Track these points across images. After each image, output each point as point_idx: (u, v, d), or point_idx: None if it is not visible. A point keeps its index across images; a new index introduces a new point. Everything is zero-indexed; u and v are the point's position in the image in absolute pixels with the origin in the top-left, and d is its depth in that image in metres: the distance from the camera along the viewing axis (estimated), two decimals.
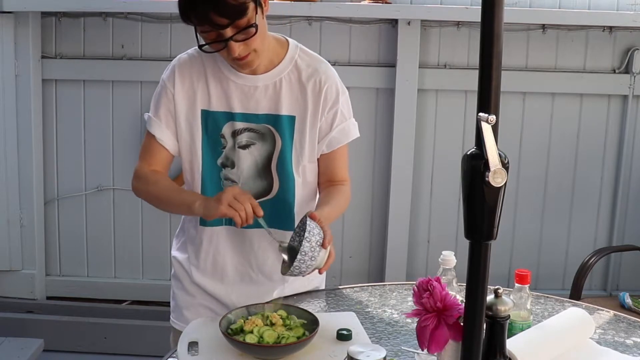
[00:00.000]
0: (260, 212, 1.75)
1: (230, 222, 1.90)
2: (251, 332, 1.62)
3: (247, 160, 1.91)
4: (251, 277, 2.01)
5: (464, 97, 3.68)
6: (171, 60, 1.96)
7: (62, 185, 3.82)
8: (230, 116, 1.88)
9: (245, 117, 1.88)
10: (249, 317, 1.68)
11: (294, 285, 2.05)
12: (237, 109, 1.88)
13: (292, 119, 1.90)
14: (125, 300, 3.87)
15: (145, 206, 3.79)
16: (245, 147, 1.90)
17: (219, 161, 1.91)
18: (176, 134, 1.91)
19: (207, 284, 2.01)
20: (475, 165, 1.30)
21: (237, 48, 1.76)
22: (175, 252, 2.08)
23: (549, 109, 3.72)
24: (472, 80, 1.31)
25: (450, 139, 3.71)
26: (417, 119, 3.66)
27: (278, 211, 1.95)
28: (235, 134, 1.89)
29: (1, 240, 3.79)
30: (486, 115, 1.26)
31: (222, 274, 2.00)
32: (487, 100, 1.28)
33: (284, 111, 1.89)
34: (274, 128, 1.90)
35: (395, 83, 3.60)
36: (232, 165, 1.91)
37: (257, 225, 1.80)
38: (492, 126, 1.27)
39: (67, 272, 3.91)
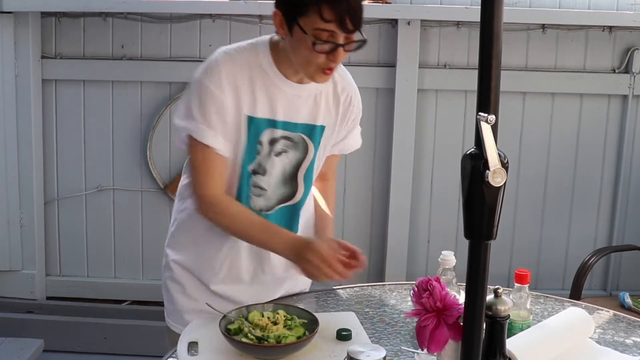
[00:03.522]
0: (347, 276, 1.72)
1: None
2: (252, 330, 1.62)
3: (278, 167, 1.90)
4: (261, 278, 2.00)
5: (464, 97, 3.69)
6: (171, 61, 1.94)
7: (62, 185, 3.82)
8: (272, 123, 1.85)
9: (286, 125, 1.87)
10: (248, 317, 1.68)
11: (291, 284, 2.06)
12: (280, 116, 1.85)
13: (323, 128, 1.92)
14: (125, 301, 3.87)
15: (145, 206, 3.80)
16: (278, 154, 1.89)
17: (251, 168, 1.87)
18: (228, 140, 1.83)
19: (220, 289, 1.98)
20: (474, 165, 1.30)
21: (341, 58, 1.75)
22: (174, 255, 2.00)
23: (549, 109, 3.72)
24: (472, 80, 1.32)
25: (450, 139, 3.71)
26: (417, 119, 3.66)
27: (296, 215, 1.98)
28: (273, 141, 1.87)
29: (1, 240, 3.79)
30: (486, 115, 1.27)
31: (236, 278, 1.98)
32: (486, 100, 1.29)
33: (319, 121, 1.91)
34: (309, 138, 1.91)
35: (395, 83, 3.60)
36: (264, 173, 1.88)
37: None
38: (491, 126, 1.27)
39: (67, 272, 3.91)
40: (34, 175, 3.72)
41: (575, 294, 2.98)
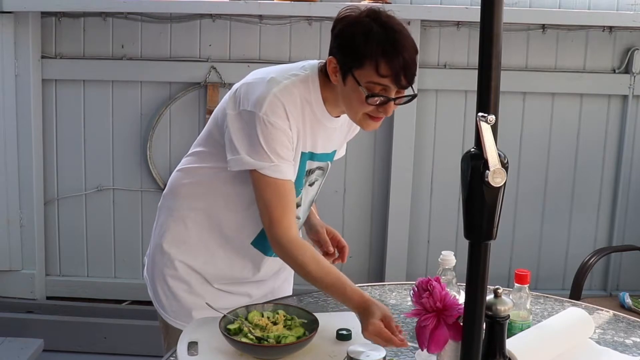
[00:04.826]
0: (406, 345, 1.64)
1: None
2: (252, 330, 1.62)
3: (310, 196, 1.95)
4: (269, 277, 2.03)
5: (464, 97, 3.69)
6: (171, 61, 1.94)
7: (62, 185, 3.82)
8: (312, 156, 1.87)
9: (321, 157, 1.91)
10: (248, 317, 1.68)
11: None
12: (319, 149, 1.88)
13: (336, 150, 1.99)
14: (125, 300, 3.87)
15: (145, 206, 3.80)
16: (312, 184, 1.94)
17: (297, 200, 1.87)
18: None
19: (228, 288, 1.99)
20: (474, 165, 1.30)
21: (391, 110, 1.77)
22: (176, 252, 1.96)
23: (549, 109, 3.72)
24: (472, 80, 1.32)
25: (450, 139, 3.71)
26: (416, 119, 3.66)
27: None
28: (309, 172, 1.90)
29: (1, 240, 3.78)
30: (486, 115, 1.27)
31: (247, 278, 1.99)
32: (486, 100, 1.29)
33: (337, 146, 1.98)
34: (330, 162, 1.97)
35: None
36: (299, 203, 1.90)
37: None
38: (491, 126, 1.27)
39: (67, 272, 3.91)
40: (34, 175, 3.72)
41: (575, 294, 2.98)
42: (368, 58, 1.68)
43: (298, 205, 1.89)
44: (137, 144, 3.76)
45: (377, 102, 1.73)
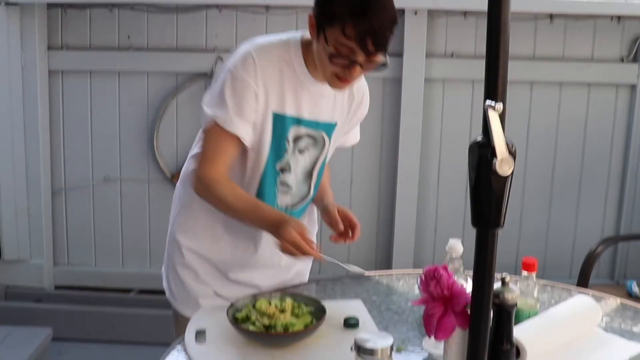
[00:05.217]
0: (323, 258, 1.72)
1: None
2: (259, 319, 1.63)
3: (301, 164, 1.94)
4: (276, 264, 2.03)
5: (471, 87, 3.68)
6: (177, 51, 1.94)
7: (69, 175, 3.83)
8: (298, 121, 1.88)
9: (310, 123, 1.90)
10: (256, 305, 1.69)
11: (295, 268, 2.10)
12: (306, 115, 1.88)
13: (336, 125, 1.96)
14: (132, 290, 3.88)
15: (152, 196, 3.81)
16: (302, 151, 1.93)
17: (279, 166, 1.90)
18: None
19: (234, 276, 2.01)
20: (482, 154, 1.30)
21: (357, 74, 1.77)
22: (185, 240, 1.99)
23: (557, 99, 3.71)
24: (479, 69, 1.31)
25: (457, 129, 3.70)
26: (424, 109, 3.66)
27: (309, 211, 2.06)
28: (297, 138, 1.90)
29: (9, 230, 3.80)
30: (493, 103, 1.27)
31: (250, 263, 2.00)
32: (494, 88, 1.29)
33: (335, 119, 1.95)
34: (327, 134, 1.94)
35: (402, 72, 3.60)
36: (290, 170, 1.92)
37: None
38: (499, 114, 1.27)
39: (75, 261, 3.92)
40: (41, 165, 3.73)
41: (582, 283, 2.98)
42: (337, 17, 1.70)
43: (284, 170, 1.90)
44: (144, 134, 3.76)
45: (342, 64, 1.74)
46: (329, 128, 1.94)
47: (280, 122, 1.85)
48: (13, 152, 3.72)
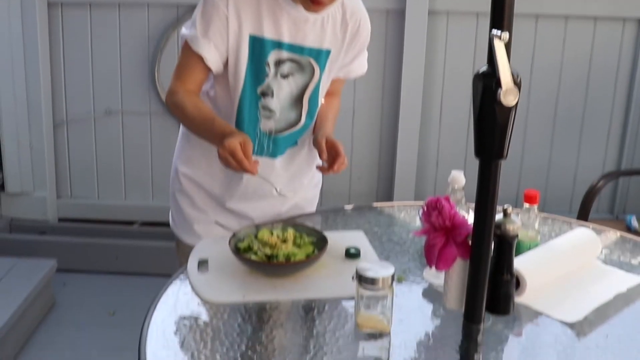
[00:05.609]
0: (255, 172, 1.74)
1: (260, 152, 1.97)
2: (261, 248, 1.64)
3: (285, 90, 1.92)
4: (267, 193, 2.04)
5: (475, 19, 3.63)
6: None
7: (70, 108, 3.82)
8: (278, 45, 1.86)
9: (292, 48, 1.88)
10: (257, 235, 1.70)
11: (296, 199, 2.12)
12: (286, 38, 1.86)
13: (328, 52, 1.93)
14: (135, 222, 3.91)
15: (154, 128, 3.80)
16: (285, 76, 1.91)
17: (260, 89, 1.90)
18: (224, 56, 1.86)
19: (229, 205, 2.03)
20: (487, 84, 1.29)
21: None
22: (182, 167, 2.05)
23: (562, 32, 3.66)
24: (484, 1, 1.29)
25: (461, 62, 3.67)
26: (427, 42, 3.61)
27: (308, 141, 2.05)
28: (278, 62, 1.88)
29: (12, 163, 3.81)
30: (499, 32, 1.25)
31: (245, 193, 2.02)
32: (500, 17, 1.27)
33: (325, 45, 1.92)
34: (315, 61, 1.92)
35: (406, 4, 3.55)
36: (272, 95, 1.91)
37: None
38: (505, 44, 1.26)
39: (77, 194, 3.94)
40: (43, 98, 3.72)
41: (583, 217, 2.99)
42: None
43: (265, 95, 1.90)
44: (145, 66, 3.73)
45: None
46: (318, 55, 1.92)
47: (258, 45, 1.85)
48: (14, 86, 3.70)
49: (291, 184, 2.08)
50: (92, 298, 3.45)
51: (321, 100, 2.02)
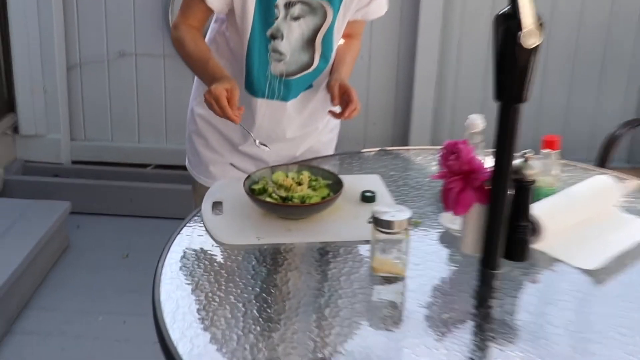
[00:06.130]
0: (236, 121, 1.75)
1: (271, 95, 1.96)
2: (276, 191, 1.63)
3: (296, 32, 1.89)
4: (280, 136, 2.03)
5: None
6: None
7: (84, 51, 3.79)
8: None
9: None
10: (272, 177, 1.69)
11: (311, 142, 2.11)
12: None
13: None
14: (149, 165, 3.91)
15: (168, 71, 3.77)
16: (296, 19, 1.87)
17: (269, 32, 1.87)
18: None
19: (244, 148, 2.04)
20: (508, 25, 1.26)
21: None
22: (198, 108, 2.06)
23: None
24: None
25: (480, 3, 3.59)
26: None
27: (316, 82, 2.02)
28: (288, 5, 1.85)
29: (26, 106, 3.80)
30: None
31: (257, 137, 2.00)
32: None
33: None
34: (328, 3, 1.87)
35: None
36: (282, 37, 1.88)
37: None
38: None
39: (91, 136, 3.93)
40: (56, 41, 3.69)
41: (601, 165, 2.96)
42: None
43: (275, 37, 1.88)
44: (159, 8, 3.69)
45: None
46: None
47: None
48: (27, 28, 3.66)
49: (304, 128, 2.06)
50: (106, 240, 3.47)
51: (336, 42, 1.97)
